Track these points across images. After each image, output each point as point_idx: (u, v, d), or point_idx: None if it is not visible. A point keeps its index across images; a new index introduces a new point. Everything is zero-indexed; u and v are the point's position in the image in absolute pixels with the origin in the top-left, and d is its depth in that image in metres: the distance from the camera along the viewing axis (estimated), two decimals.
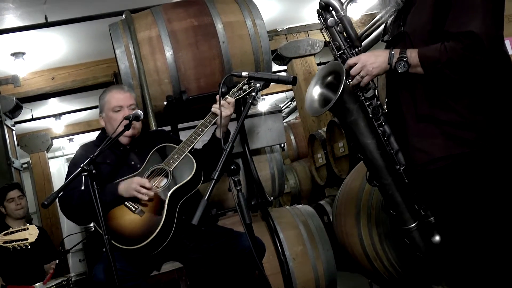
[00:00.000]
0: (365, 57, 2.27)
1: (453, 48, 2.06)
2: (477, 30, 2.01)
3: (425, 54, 2.14)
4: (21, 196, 4.60)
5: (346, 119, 2.40)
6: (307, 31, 7.74)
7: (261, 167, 4.09)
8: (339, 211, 3.90)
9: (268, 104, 11.98)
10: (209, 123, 2.92)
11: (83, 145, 3.12)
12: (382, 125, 2.35)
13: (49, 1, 5.33)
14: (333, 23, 2.38)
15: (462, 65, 2.07)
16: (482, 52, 2.03)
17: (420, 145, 2.22)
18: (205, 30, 3.80)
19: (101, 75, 7.16)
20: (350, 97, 2.35)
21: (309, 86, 2.44)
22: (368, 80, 2.28)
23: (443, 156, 2.16)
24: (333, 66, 2.40)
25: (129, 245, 2.68)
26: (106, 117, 3.05)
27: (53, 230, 8.32)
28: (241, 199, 2.06)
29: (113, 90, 3.09)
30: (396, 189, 2.39)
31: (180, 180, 2.81)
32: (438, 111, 2.17)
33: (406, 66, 2.16)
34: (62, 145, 11.97)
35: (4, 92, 6.88)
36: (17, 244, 2.67)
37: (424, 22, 2.19)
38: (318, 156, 6.69)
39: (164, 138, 3.12)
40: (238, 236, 2.91)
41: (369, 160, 2.43)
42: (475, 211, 2.13)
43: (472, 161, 2.12)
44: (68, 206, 2.82)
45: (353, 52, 2.38)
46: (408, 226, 2.41)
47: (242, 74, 2.34)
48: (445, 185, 2.19)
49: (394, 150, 2.34)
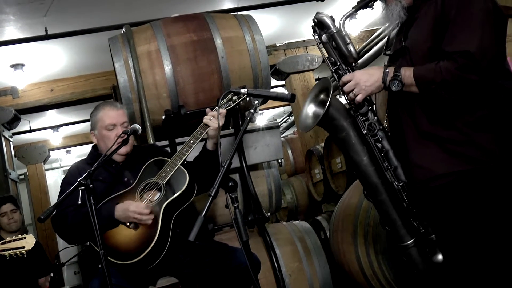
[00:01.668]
0: (359, 74, 2.27)
1: (447, 68, 2.05)
2: (473, 49, 2.00)
3: (420, 73, 2.13)
4: (14, 210, 4.58)
5: (337, 134, 2.40)
6: (306, 47, 7.77)
7: (258, 183, 4.09)
8: (336, 228, 3.89)
9: (266, 119, 12.01)
10: (200, 135, 2.91)
11: (74, 164, 3.09)
12: (379, 140, 2.34)
13: (49, 13, 5.35)
14: (326, 39, 2.39)
15: (456, 86, 2.06)
16: (478, 72, 2.01)
17: (421, 162, 2.21)
18: (204, 45, 3.82)
19: (99, 87, 7.17)
20: (340, 112, 2.36)
21: (303, 105, 2.46)
22: (362, 98, 2.27)
23: (445, 173, 2.15)
24: (323, 83, 2.42)
25: (124, 260, 2.67)
26: (98, 134, 3.00)
27: (48, 242, 8.27)
28: (238, 216, 2.06)
29: (106, 107, 3.02)
30: (392, 206, 2.38)
31: (173, 192, 2.80)
32: (439, 129, 2.17)
33: (400, 85, 2.16)
34: (59, 156, 11.95)
35: (2, 103, 6.88)
36: (13, 252, 2.69)
37: (424, 38, 2.19)
38: (316, 172, 6.68)
39: (156, 153, 3.10)
40: (233, 251, 2.90)
41: (362, 176, 2.42)
42: (477, 229, 2.12)
43: (475, 178, 2.11)
44: (62, 225, 2.79)
45: (348, 68, 2.38)
46: (405, 243, 2.39)
47: (241, 91, 2.35)
48: (446, 202, 2.17)
49: (393, 166, 2.33)
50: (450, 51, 2.06)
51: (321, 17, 2.39)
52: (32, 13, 5.30)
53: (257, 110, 2.27)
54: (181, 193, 2.79)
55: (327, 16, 2.39)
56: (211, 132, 2.89)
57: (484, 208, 2.11)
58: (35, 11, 5.27)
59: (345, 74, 2.36)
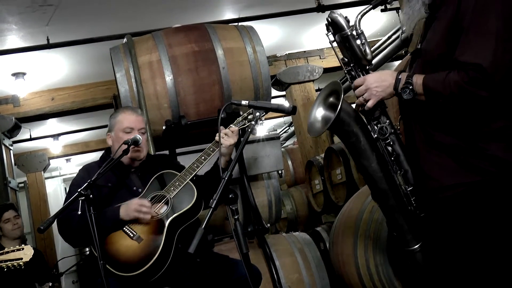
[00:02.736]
0: (371, 79, 2.21)
1: (457, 82, 1.97)
2: (486, 63, 1.90)
3: (429, 84, 2.05)
4: (17, 216, 4.61)
5: (347, 139, 2.34)
6: (307, 57, 7.79)
7: (258, 193, 4.09)
8: (336, 240, 3.88)
9: (266, 129, 12.01)
10: (212, 151, 2.91)
11: (86, 166, 3.08)
12: (391, 144, 2.28)
13: (51, 23, 5.37)
14: (339, 39, 2.29)
15: (464, 100, 1.99)
16: (488, 88, 1.93)
17: (431, 172, 2.16)
18: (205, 56, 3.83)
19: (100, 97, 7.18)
20: (350, 117, 2.29)
21: (311, 107, 2.37)
22: (373, 104, 2.21)
23: (454, 184, 2.09)
24: (333, 86, 2.35)
25: (125, 272, 2.65)
26: (115, 136, 3.02)
27: (47, 251, 8.25)
28: (238, 228, 2.05)
29: (127, 111, 3.08)
30: (399, 210, 2.33)
31: (180, 208, 2.79)
32: (450, 139, 2.10)
33: (411, 94, 2.08)
34: (59, 165, 11.94)
35: (3, 111, 6.89)
36: (11, 263, 2.65)
37: (436, 43, 2.10)
38: (315, 183, 6.67)
39: (167, 164, 3.11)
40: (234, 263, 2.89)
41: (371, 181, 2.37)
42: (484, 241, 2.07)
43: (485, 189, 2.04)
44: (67, 228, 2.79)
45: (361, 70, 2.30)
46: (411, 248, 2.36)
47: (242, 103, 2.34)
48: (455, 213, 2.12)
49: (403, 170, 2.27)
50: (462, 61, 1.97)
51: (335, 17, 2.26)
52: (34, 22, 5.33)
53: (258, 122, 2.27)
54: (188, 209, 2.79)
55: (341, 16, 2.27)
56: (223, 150, 2.87)
57: (493, 221, 2.05)
58: (37, 20, 5.29)
59: (357, 76, 2.29)
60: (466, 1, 1.98)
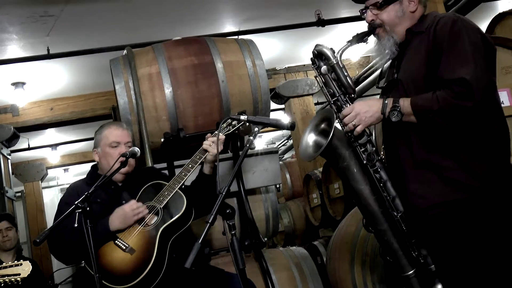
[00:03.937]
0: (359, 106, 2.30)
1: (444, 97, 2.09)
2: (468, 76, 2.05)
3: (417, 103, 2.17)
4: (9, 228, 4.56)
5: (338, 164, 2.41)
6: (306, 71, 7.81)
7: (256, 207, 4.07)
8: (333, 256, 3.86)
9: (264, 142, 12.01)
10: (199, 159, 2.92)
11: (73, 184, 3.08)
12: (378, 171, 2.35)
13: (52, 33, 5.39)
14: (326, 71, 2.41)
15: (453, 114, 2.10)
16: (473, 99, 2.05)
17: (419, 191, 2.23)
18: (205, 69, 3.83)
19: (99, 107, 7.19)
20: (342, 143, 2.38)
21: (303, 134, 2.47)
22: (362, 129, 2.30)
23: (442, 202, 2.17)
24: (326, 113, 2.44)
25: (119, 284, 2.64)
26: (101, 152, 3.01)
27: (43, 261, 8.19)
28: (235, 243, 2.04)
29: (112, 126, 3.07)
30: (393, 236, 2.37)
31: (170, 217, 2.79)
32: (436, 157, 2.19)
33: (400, 115, 2.19)
34: (57, 175, 11.93)
35: (2, 121, 6.90)
36: (8, 279, 2.61)
37: (418, 69, 2.24)
38: (313, 197, 6.66)
39: (154, 176, 3.10)
40: (229, 277, 2.88)
41: (363, 206, 2.43)
42: (474, 258, 2.12)
43: (472, 207, 2.13)
44: (58, 245, 2.77)
45: (347, 99, 2.40)
46: (406, 273, 2.38)
47: (241, 118, 2.35)
48: (444, 231, 2.18)
49: (391, 196, 2.34)
50: (447, 79, 2.11)
51: (321, 49, 2.41)
52: (34, 32, 5.34)
53: (256, 137, 2.27)
54: (178, 217, 2.79)
55: (327, 47, 2.41)
56: (209, 157, 2.92)
57: (482, 237, 2.12)
58: (38, 30, 5.31)
59: (345, 105, 2.38)
60: (441, 30, 2.19)
